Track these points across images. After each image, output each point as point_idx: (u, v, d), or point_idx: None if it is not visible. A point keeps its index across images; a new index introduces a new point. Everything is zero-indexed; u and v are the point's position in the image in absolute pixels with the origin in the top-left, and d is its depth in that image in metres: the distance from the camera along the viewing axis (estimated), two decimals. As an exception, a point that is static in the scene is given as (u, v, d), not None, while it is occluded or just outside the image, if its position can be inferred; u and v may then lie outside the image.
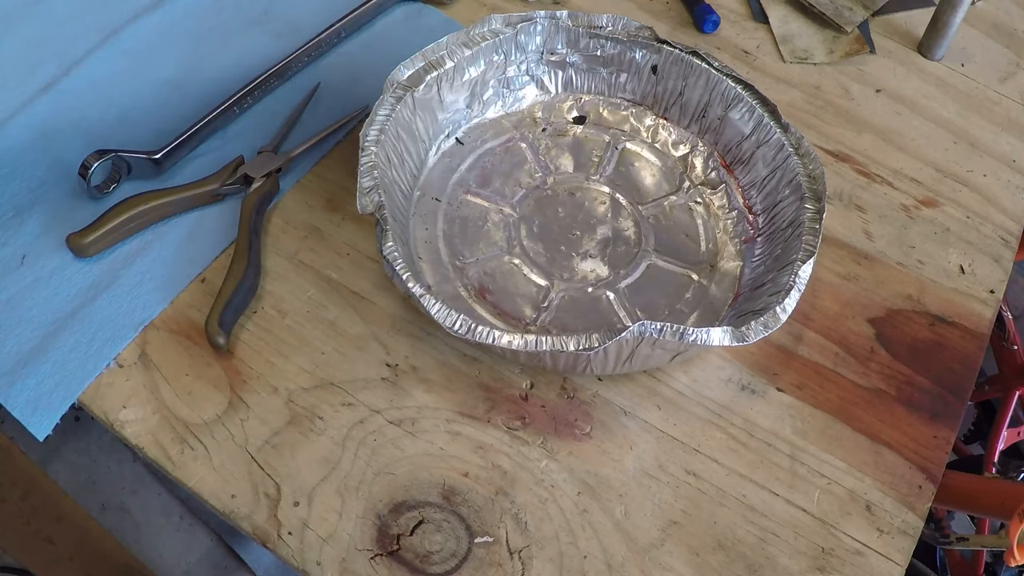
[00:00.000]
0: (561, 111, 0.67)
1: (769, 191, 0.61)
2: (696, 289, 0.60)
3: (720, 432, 0.54)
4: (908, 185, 0.67)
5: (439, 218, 0.60)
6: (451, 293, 0.57)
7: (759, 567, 0.50)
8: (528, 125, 0.66)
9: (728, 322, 0.57)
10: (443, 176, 0.62)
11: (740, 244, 0.61)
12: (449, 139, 0.63)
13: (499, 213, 0.61)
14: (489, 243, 0.60)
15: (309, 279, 0.58)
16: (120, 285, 0.56)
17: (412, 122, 0.59)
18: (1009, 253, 0.65)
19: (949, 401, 0.57)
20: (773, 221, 0.60)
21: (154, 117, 0.63)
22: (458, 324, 0.49)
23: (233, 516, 0.49)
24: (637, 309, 0.58)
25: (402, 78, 0.58)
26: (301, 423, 0.52)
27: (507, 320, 0.57)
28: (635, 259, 0.60)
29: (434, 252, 0.59)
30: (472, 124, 0.64)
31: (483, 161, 0.63)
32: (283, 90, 0.67)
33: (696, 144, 0.65)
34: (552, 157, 0.65)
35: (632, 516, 0.51)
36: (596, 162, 0.65)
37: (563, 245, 0.60)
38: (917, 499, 0.53)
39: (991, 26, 0.80)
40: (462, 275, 0.58)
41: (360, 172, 0.53)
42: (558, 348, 0.48)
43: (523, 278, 0.59)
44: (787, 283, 0.53)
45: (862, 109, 0.72)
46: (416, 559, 0.49)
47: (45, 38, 0.67)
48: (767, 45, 0.75)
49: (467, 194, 0.62)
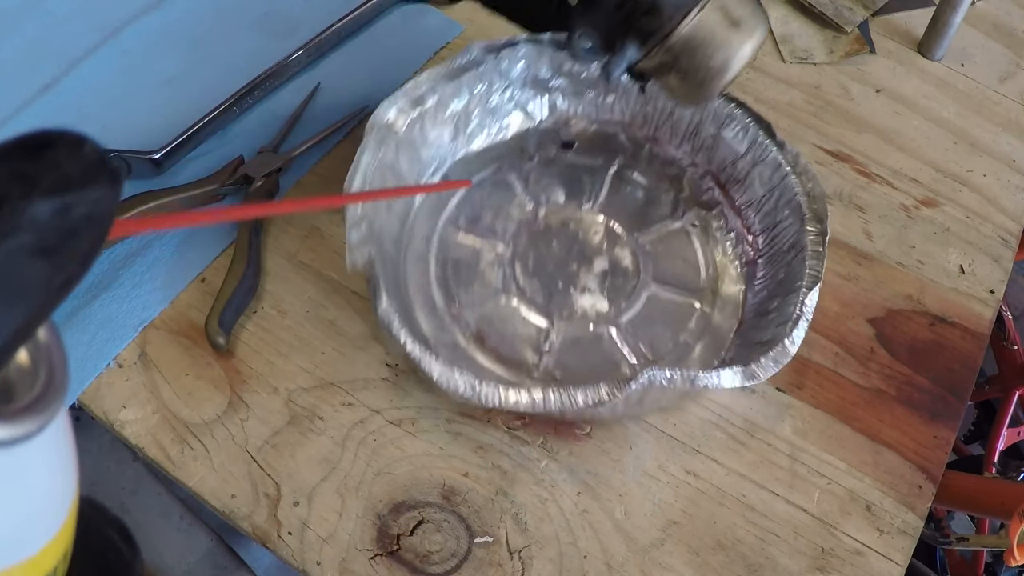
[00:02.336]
0: (548, 138, 0.64)
1: (767, 211, 0.59)
2: (699, 318, 0.58)
3: (720, 432, 0.54)
4: (908, 185, 0.67)
5: (431, 262, 0.58)
6: (449, 342, 0.55)
7: (759, 567, 0.50)
8: (515, 155, 0.63)
9: (735, 352, 0.56)
10: (431, 215, 0.60)
11: (741, 267, 0.60)
12: (435, 176, 0.60)
13: (492, 251, 0.59)
14: (484, 284, 0.58)
15: (309, 279, 0.58)
16: (120, 285, 0.56)
17: (396, 163, 0.55)
18: (1009, 253, 0.65)
19: (949, 401, 0.57)
20: (773, 243, 0.58)
21: (154, 117, 0.63)
22: (462, 388, 0.46)
23: (233, 516, 0.49)
24: (641, 344, 0.57)
25: (384, 119, 0.55)
26: (301, 423, 0.52)
27: (508, 366, 0.55)
28: (635, 290, 0.59)
29: (428, 298, 0.57)
30: (458, 158, 0.61)
31: (471, 196, 0.61)
32: (283, 90, 0.67)
33: (689, 165, 0.63)
34: (543, 187, 0.63)
35: (632, 516, 0.51)
36: (588, 189, 0.63)
37: (560, 280, 0.59)
38: (917, 499, 0.53)
39: (991, 26, 0.80)
40: (458, 321, 0.56)
41: (347, 225, 0.49)
42: (567, 403, 0.46)
43: (521, 320, 0.57)
44: (793, 312, 0.51)
45: (862, 109, 0.72)
46: (416, 559, 0.49)
47: (45, 38, 0.67)
48: (767, 45, 0.75)
49: (458, 233, 0.59)
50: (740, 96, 0.71)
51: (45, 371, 0.18)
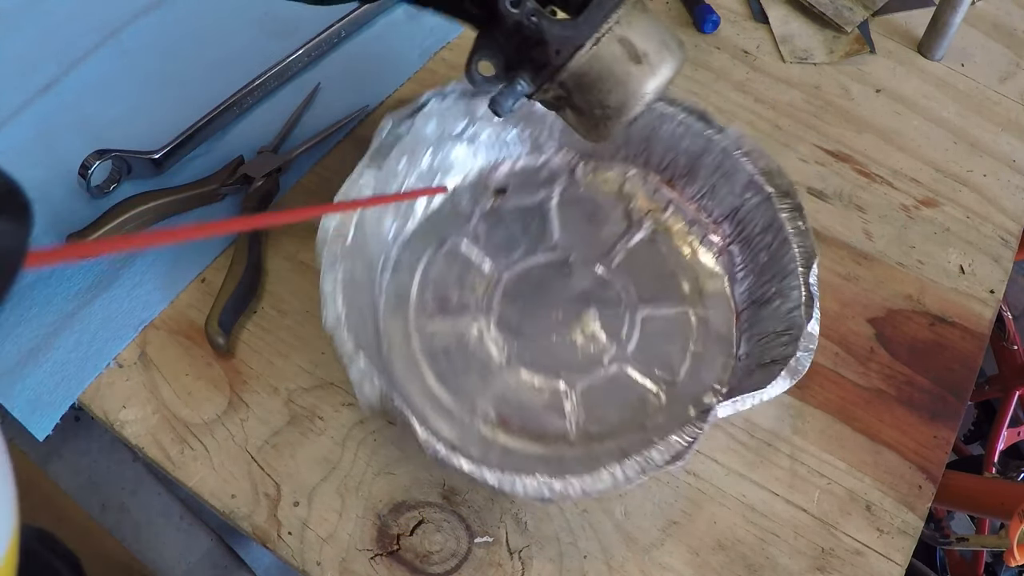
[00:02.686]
0: (479, 190, 0.60)
1: (722, 197, 0.58)
2: (698, 324, 0.57)
3: (720, 432, 0.54)
4: (908, 185, 0.67)
5: (421, 361, 0.54)
6: (476, 438, 0.51)
7: (759, 567, 0.50)
8: (454, 219, 0.59)
9: (748, 347, 0.55)
10: (397, 310, 0.55)
11: (715, 258, 0.59)
12: (385, 273, 0.56)
13: (474, 328, 0.55)
14: (482, 366, 0.54)
15: (309, 279, 0.58)
16: (120, 285, 0.56)
17: (353, 272, 0.51)
18: (1009, 253, 0.65)
19: (949, 401, 0.57)
20: (741, 226, 0.57)
21: (154, 117, 0.63)
22: (539, 491, 0.44)
23: (233, 516, 0.49)
24: (656, 369, 0.55)
25: (329, 230, 0.50)
26: (301, 423, 0.52)
27: (542, 441, 0.52)
28: (628, 319, 0.57)
29: (435, 401, 0.52)
30: (403, 240, 0.57)
31: (429, 278, 0.57)
32: (283, 90, 0.67)
33: (628, 172, 0.61)
34: (495, 243, 0.59)
35: (632, 516, 0.51)
36: (539, 228, 0.60)
37: (554, 335, 0.56)
38: (917, 499, 0.53)
39: (991, 26, 0.80)
40: (474, 414, 0.52)
41: (349, 370, 0.46)
42: (649, 465, 0.45)
43: (535, 390, 0.54)
44: (801, 296, 0.51)
45: (862, 109, 0.72)
46: (416, 559, 0.49)
47: (45, 38, 0.67)
48: (767, 45, 0.75)
49: (432, 320, 0.55)
50: (739, 96, 0.71)
51: None
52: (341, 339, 0.46)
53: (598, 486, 0.44)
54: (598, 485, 0.44)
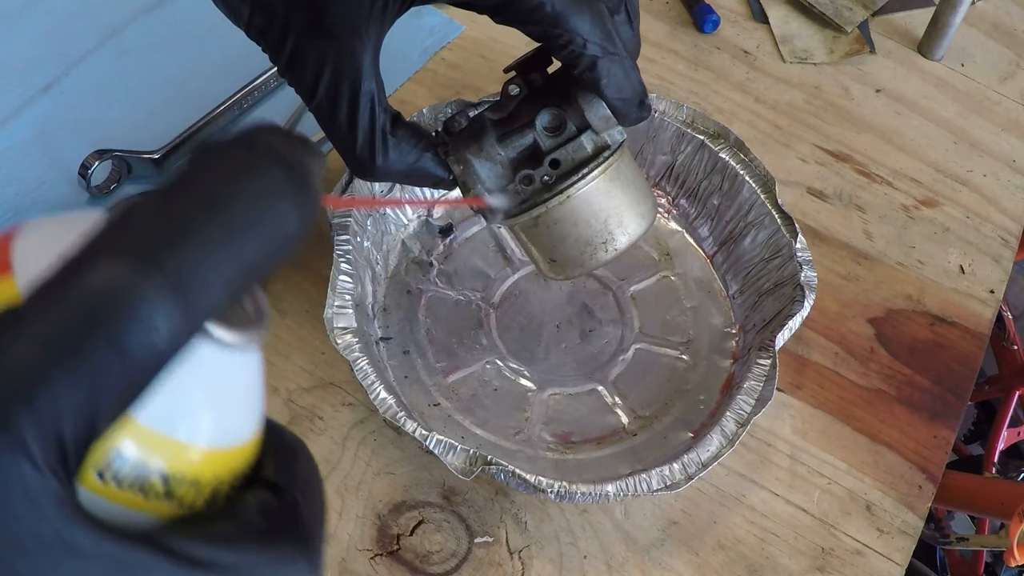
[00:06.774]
0: (426, 237, 0.59)
1: (652, 157, 0.59)
2: (681, 283, 0.59)
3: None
4: (908, 185, 0.67)
5: (461, 420, 0.53)
6: (552, 466, 0.51)
7: (759, 567, 0.50)
8: (418, 271, 0.58)
9: (740, 283, 0.57)
10: (414, 385, 0.54)
11: (667, 216, 0.60)
12: (381, 348, 0.55)
13: (491, 370, 0.55)
14: (516, 400, 0.54)
15: (309, 279, 0.58)
16: (120, 285, 0.56)
17: (371, 358, 0.49)
18: (1009, 253, 0.65)
19: (949, 401, 0.57)
20: (682, 179, 0.59)
21: (154, 117, 0.63)
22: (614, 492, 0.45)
23: (233, 516, 0.49)
24: (668, 336, 0.57)
25: (333, 327, 0.49)
26: (301, 423, 0.52)
27: (610, 440, 0.53)
28: (618, 301, 0.57)
29: (497, 448, 0.52)
30: (378, 307, 0.56)
31: (423, 339, 0.55)
32: (283, 90, 0.67)
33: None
34: (465, 284, 0.58)
35: (632, 516, 0.51)
36: (497, 254, 0.59)
37: (563, 343, 0.56)
38: (917, 499, 0.53)
39: (991, 26, 0.80)
40: (535, 446, 0.52)
41: (431, 447, 0.45)
42: None
43: (574, 400, 0.54)
44: (775, 221, 0.53)
45: (862, 109, 0.72)
46: (416, 559, 0.49)
47: (45, 38, 0.67)
48: (767, 45, 0.75)
49: (447, 378, 0.54)
50: (738, 96, 0.71)
51: (251, 304, 0.23)
52: (411, 426, 0.46)
53: (703, 456, 0.47)
54: (703, 455, 0.47)
